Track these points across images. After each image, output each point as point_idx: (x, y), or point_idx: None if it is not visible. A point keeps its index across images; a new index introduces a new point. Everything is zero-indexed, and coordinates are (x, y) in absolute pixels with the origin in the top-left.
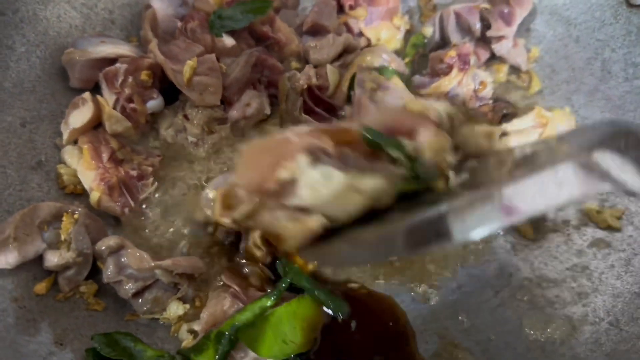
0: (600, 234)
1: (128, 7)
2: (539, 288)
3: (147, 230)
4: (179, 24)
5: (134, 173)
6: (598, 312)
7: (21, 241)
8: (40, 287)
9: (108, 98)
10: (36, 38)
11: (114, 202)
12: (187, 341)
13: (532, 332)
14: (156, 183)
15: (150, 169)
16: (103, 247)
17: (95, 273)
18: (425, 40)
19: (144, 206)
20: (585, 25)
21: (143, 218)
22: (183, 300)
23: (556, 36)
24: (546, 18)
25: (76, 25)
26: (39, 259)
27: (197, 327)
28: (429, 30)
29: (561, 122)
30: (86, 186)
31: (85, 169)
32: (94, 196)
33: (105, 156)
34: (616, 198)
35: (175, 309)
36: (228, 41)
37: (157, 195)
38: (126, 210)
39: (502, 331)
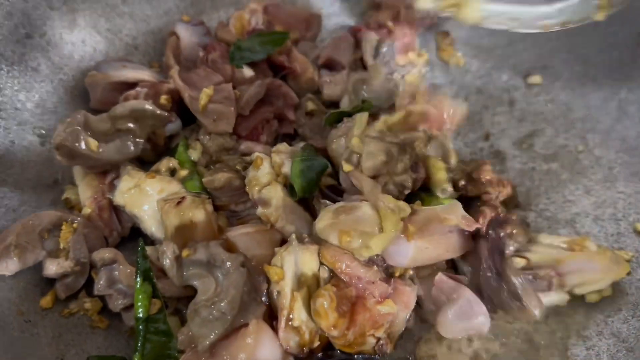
0: None
1: (151, 34)
2: (544, 325)
3: None
4: (201, 53)
5: None
6: (601, 357)
7: (22, 248)
8: (46, 300)
9: None
10: (61, 61)
11: (102, 222)
12: None
13: None
14: None
15: None
16: (97, 258)
17: None
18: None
19: None
20: (602, 64)
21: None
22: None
23: (573, 74)
24: (564, 56)
25: (100, 50)
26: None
27: None
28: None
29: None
30: (82, 201)
31: (86, 185)
32: (85, 211)
33: (109, 178)
34: (626, 240)
35: None
36: (247, 72)
37: None
38: (114, 233)
39: None
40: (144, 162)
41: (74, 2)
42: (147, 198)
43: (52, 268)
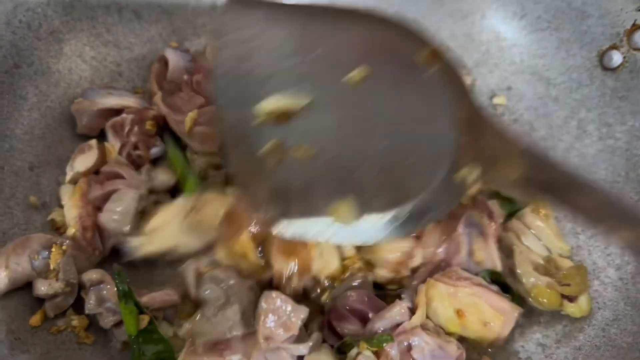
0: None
1: (135, 61)
2: None
3: None
4: (186, 77)
5: None
6: None
7: (12, 270)
8: (35, 319)
9: (114, 145)
10: (48, 89)
11: (85, 242)
12: None
13: None
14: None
15: None
16: (85, 279)
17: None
18: None
19: None
20: (563, 85)
21: None
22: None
23: (536, 95)
24: (527, 78)
25: (85, 77)
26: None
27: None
28: None
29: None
30: (67, 221)
31: (72, 206)
32: (70, 231)
33: (92, 199)
34: (584, 253)
35: None
36: None
37: None
38: (96, 252)
39: None
40: None
41: (60, 32)
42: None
43: (42, 289)
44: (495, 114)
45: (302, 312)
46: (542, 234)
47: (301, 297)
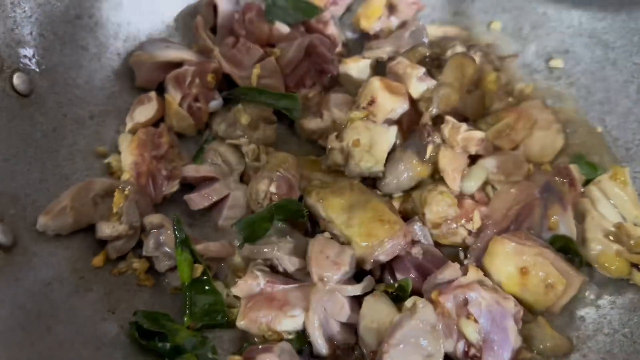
0: None
1: (190, 17)
2: None
3: None
4: (237, 15)
5: (165, 172)
6: (614, 324)
7: (76, 211)
8: (98, 260)
9: (174, 97)
10: (107, 41)
11: (138, 187)
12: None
13: None
14: (177, 186)
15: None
16: (146, 222)
17: None
18: None
19: None
20: (623, 49)
21: None
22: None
23: (594, 58)
24: (585, 41)
25: (143, 30)
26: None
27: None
28: None
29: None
30: (123, 166)
31: (128, 153)
32: (124, 176)
33: (149, 148)
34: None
35: None
36: (283, 28)
37: None
38: (148, 199)
39: None
40: (183, 137)
41: None
42: None
43: (106, 231)
44: (551, 76)
45: (350, 250)
46: (619, 201)
47: None
